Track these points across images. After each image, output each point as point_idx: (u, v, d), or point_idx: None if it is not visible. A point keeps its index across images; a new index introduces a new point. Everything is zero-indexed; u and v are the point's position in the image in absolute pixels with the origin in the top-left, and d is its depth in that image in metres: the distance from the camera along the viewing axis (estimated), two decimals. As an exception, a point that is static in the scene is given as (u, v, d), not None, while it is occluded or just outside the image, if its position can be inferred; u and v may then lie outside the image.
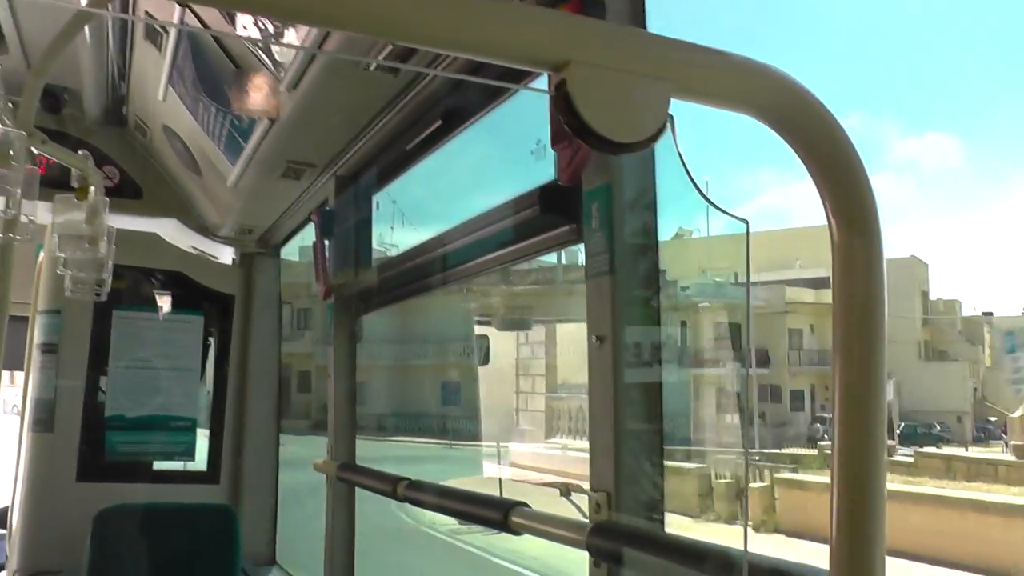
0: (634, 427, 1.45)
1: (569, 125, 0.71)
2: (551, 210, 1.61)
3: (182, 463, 3.65)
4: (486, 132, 2.14)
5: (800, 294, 49.27)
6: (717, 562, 1.13)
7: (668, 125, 0.77)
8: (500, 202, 1.83)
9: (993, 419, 50.34)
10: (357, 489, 2.86)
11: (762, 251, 46.33)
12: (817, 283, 49.19)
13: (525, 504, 1.73)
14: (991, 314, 62.74)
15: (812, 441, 42.58)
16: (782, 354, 47.55)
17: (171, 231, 3.83)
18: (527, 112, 1.80)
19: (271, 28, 2.16)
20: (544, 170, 1.68)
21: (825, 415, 44.75)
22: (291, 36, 2.15)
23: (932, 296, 55.36)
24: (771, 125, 0.80)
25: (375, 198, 2.72)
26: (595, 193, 1.50)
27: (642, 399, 1.46)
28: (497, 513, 1.75)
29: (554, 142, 1.59)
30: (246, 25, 2.21)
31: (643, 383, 1.46)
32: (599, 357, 1.48)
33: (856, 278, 0.85)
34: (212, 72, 2.66)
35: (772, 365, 46.44)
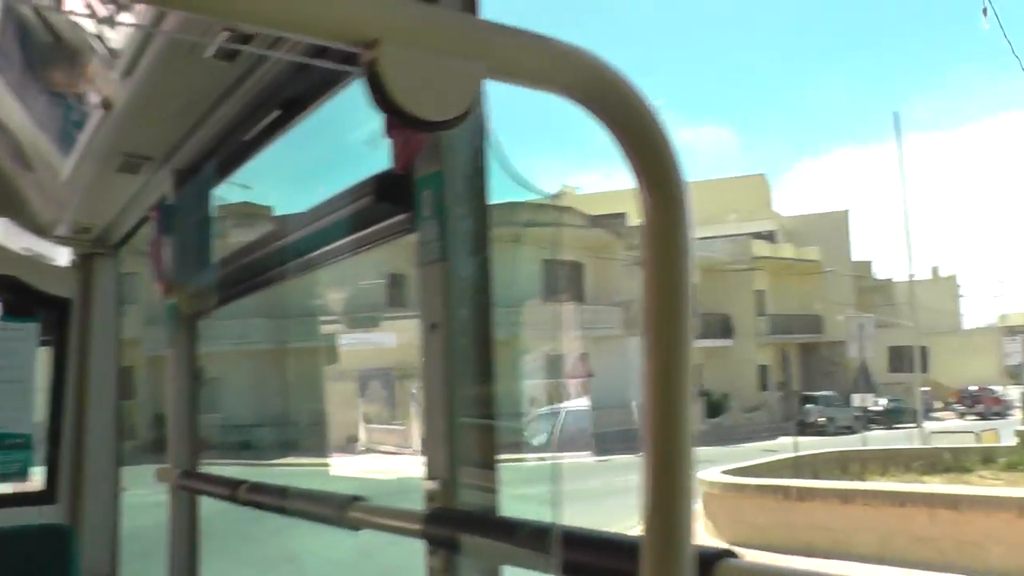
0: (469, 414, 1.49)
1: (378, 103, 0.74)
2: (386, 199, 1.63)
3: (13, 483, 3.50)
4: (328, 120, 2.16)
5: (761, 248, 47.26)
6: (542, 537, 1.19)
7: (479, 104, 0.83)
8: (337, 192, 1.85)
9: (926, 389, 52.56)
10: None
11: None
12: (763, 237, 48.54)
13: (361, 498, 1.75)
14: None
15: (809, 428, 38.38)
16: (749, 321, 44.28)
17: (0, 232, 3.68)
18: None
19: (103, 11, 2.12)
20: (385, 158, 1.71)
21: (817, 393, 42.56)
22: (124, 18, 2.12)
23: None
24: (582, 104, 0.83)
25: (215, 191, 2.70)
26: (427, 180, 1.53)
27: (476, 386, 1.50)
28: (334, 510, 1.76)
29: (388, 128, 1.61)
30: (75, 8, 2.17)
31: (477, 370, 1.49)
32: (433, 345, 1.51)
33: (666, 254, 0.89)
34: (41, 57, 2.59)
35: (736, 335, 43.61)
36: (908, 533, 12.50)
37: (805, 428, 39.31)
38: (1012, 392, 60.42)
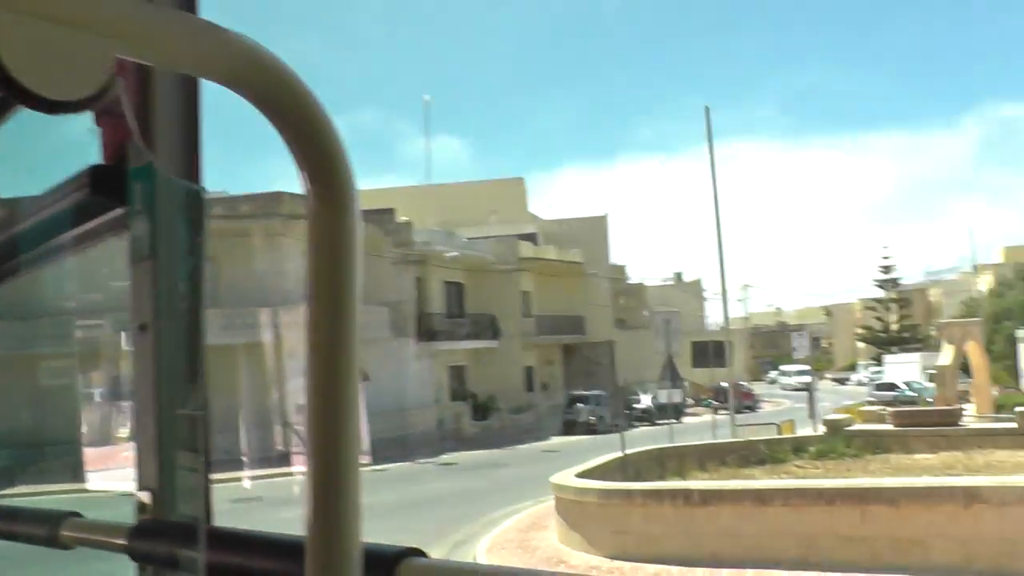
0: (180, 420, 1.43)
1: (-4, 79, 0.69)
2: (100, 192, 1.52)
3: None
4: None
5: (526, 249, 47.13)
6: (269, 547, 1.18)
7: (116, 85, 0.78)
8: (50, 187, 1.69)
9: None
10: None
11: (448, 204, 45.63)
12: (526, 239, 48.91)
13: (77, 514, 1.63)
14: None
15: (578, 427, 39.13)
16: (515, 322, 44.30)
17: None
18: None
19: None
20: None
21: (587, 392, 42.71)
22: None
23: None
24: (238, 91, 0.81)
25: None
26: (138, 172, 1.45)
27: (187, 391, 1.44)
28: (44, 528, 1.62)
29: (97, 116, 1.50)
30: None
31: (187, 374, 1.44)
32: (142, 346, 1.46)
33: (331, 252, 0.88)
34: None
35: (503, 336, 43.40)
36: (837, 533, 11.49)
37: (574, 427, 40.44)
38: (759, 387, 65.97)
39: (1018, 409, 22.41)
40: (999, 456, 20.18)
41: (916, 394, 44.21)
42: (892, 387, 48.38)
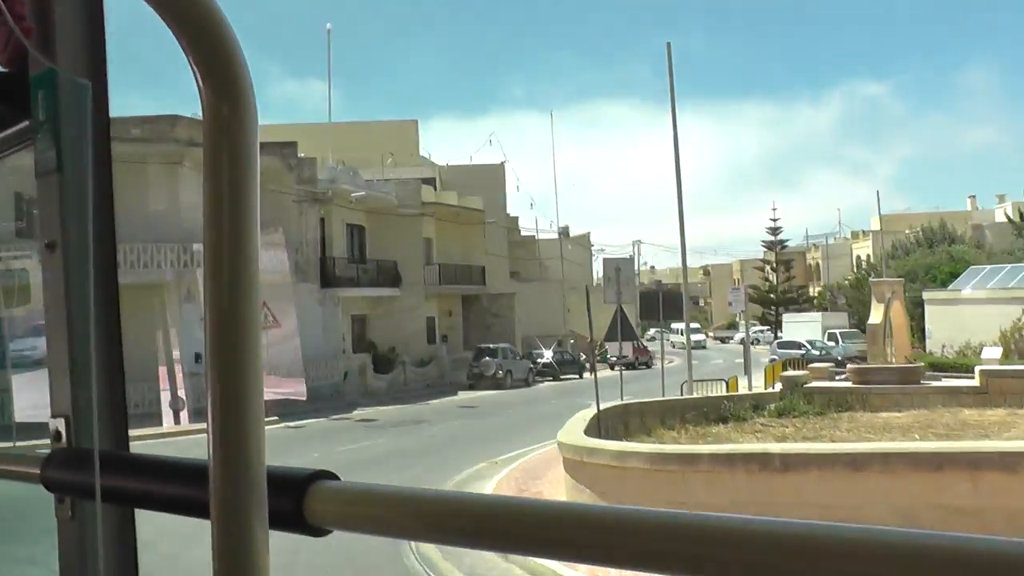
0: (93, 343, 1.36)
1: None
2: (1, 102, 1.46)
3: None
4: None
5: (427, 193, 45.28)
6: (186, 473, 1.13)
7: None
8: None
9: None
10: None
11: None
12: (427, 183, 46.34)
13: None
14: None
15: (484, 382, 37.71)
16: (417, 270, 42.48)
17: None
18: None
19: None
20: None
21: (495, 345, 41.36)
22: None
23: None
24: None
25: None
26: (40, 80, 1.39)
27: (100, 313, 1.37)
28: None
29: (-9, 20, 1.42)
30: None
31: (101, 295, 1.38)
32: (51, 266, 1.40)
33: (229, 153, 0.86)
34: None
35: (405, 285, 41.42)
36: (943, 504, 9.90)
37: (481, 381, 39.11)
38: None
39: (981, 367, 21.87)
40: (983, 415, 19.40)
41: (819, 352, 44.40)
42: (796, 345, 48.58)
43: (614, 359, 55.74)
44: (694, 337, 76.58)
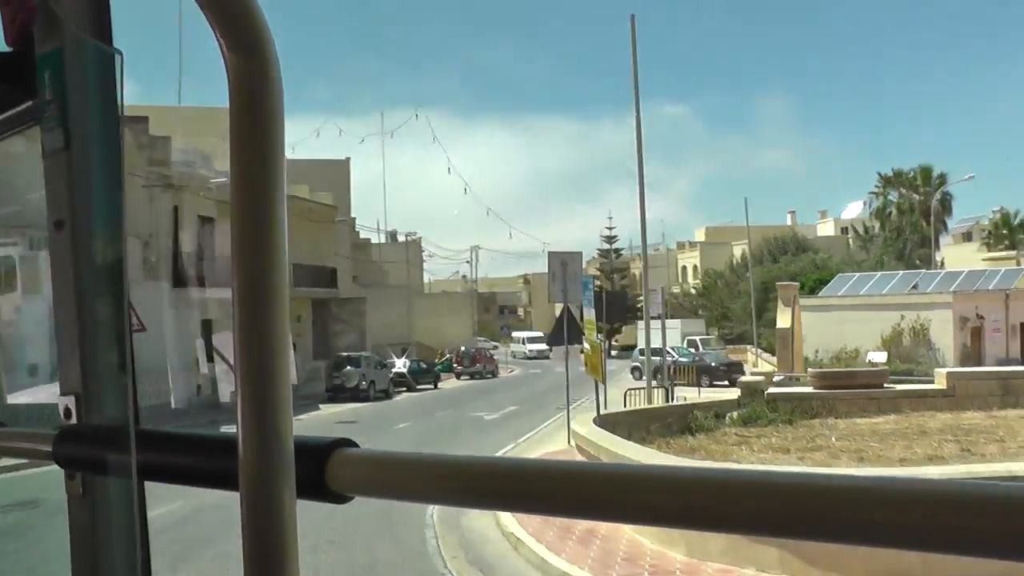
0: (101, 321, 1.38)
1: None
2: (7, 81, 1.43)
3: None
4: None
5: None
6: (216, 447, 1.13)
7: None
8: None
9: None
10: None
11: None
12: None
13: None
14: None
15: (343, 394, 34.76)
16: None
17: None
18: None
19: None
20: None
21: (357, 354, 38.71)
22: None
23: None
24: None
25: None
26: (47, 58, 1.38)
27: (108, 290, 1.40)
28: None
29: (-4, -2, 1.41)
30: None
31: (109, 273, 1.40)
32: (59, 245, 1.40)
33: (254, 107, 0.86)
34: None
35: None
36: None
37: (341, 393, 35.78)
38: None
39: (941, 370, 21.15)
40: (962, 417, 18.34)
41: (689, 359, 43.84)
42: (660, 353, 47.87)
43: (460, 368, 53.26)
44: (535, 347, 75.59)
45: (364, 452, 0.99)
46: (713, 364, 41.30)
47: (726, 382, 37.49)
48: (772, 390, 20.34)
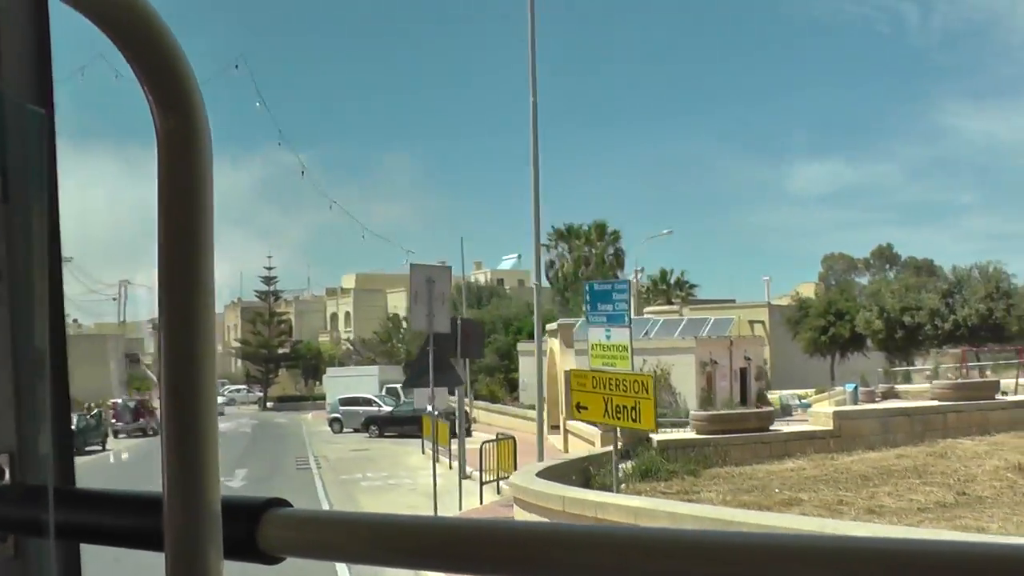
0: (39, 379, 1.36)
1: None
2: None
3: None
4: None
5: None
6: (138, 505, 1.14)
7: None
8: None
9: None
10: None
11: None
12: None
13: None
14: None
15: None
16: None
17: None
18: None
19: None
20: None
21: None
22: None
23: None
24: (85, 14, 0.83)
25: None
26: None
27: (46, 345, 1.38)
28: None
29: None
30: None
31: (48, 326, 1.37)
32: None
33: (183, 168, 0.87)
34: None
35: None
36: None
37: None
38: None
39: (829, 410, 20.28)
40: (872, 459, 17.49)
41: (397, 407, 40.59)
42: (364, 401, 43.95)
43: (120, 425, 45.23)
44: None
45: (299, 512, 0.98)
46: (436, 412, 38.13)
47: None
48: (661, 437, 17.99)
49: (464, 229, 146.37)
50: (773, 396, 45.28)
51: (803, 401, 45.56)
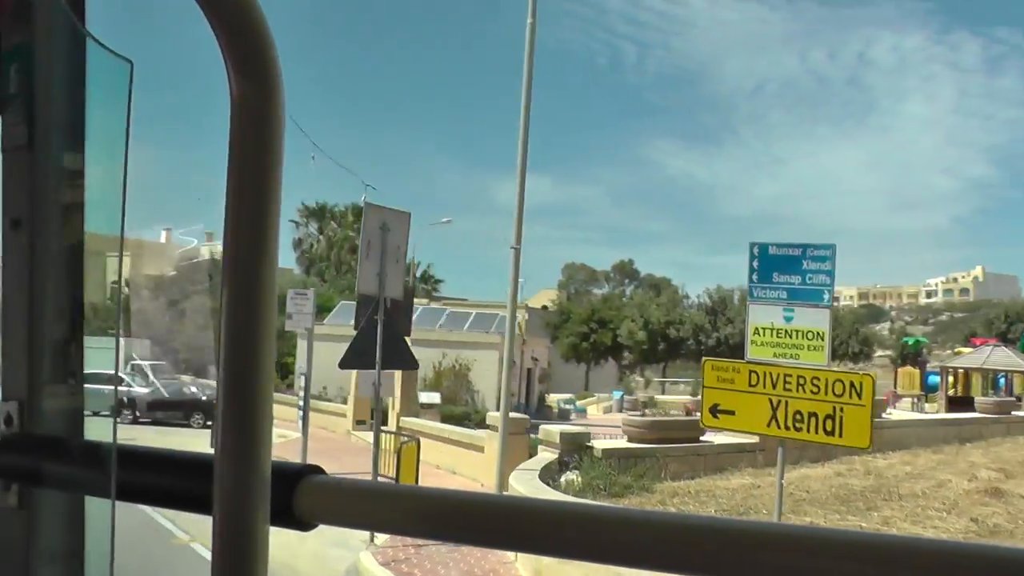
0: (53, 326, 1.35)
1: None
2: None
3: None
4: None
5: None
6: (123, 461, 1.14)
7: None
8: None
9: None
10: None
11: None
12: None
13: None
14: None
15: None
16: None
17: None
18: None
19: None
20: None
21: None
22: None
23: None
24: None
25: None
26: (13, 53, 1.36)
27: (63, 294, 1.36)
28: None
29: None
30: None
31: (66, 276, 1.36)
32: (15, 244, 1.36)
33: (256, 136, 0.86)
34: None
35: None
36: None
37: None
38: None
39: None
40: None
41: (155, 390, 34.63)
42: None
43: None
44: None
45: (332, 480, 0.99)
46: (203, 398, 32.14)
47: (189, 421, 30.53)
48: (605, 446, 15.57)
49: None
50: (551, 399, 44.16)
51: (578, 406, 44.88)
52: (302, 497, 0.95)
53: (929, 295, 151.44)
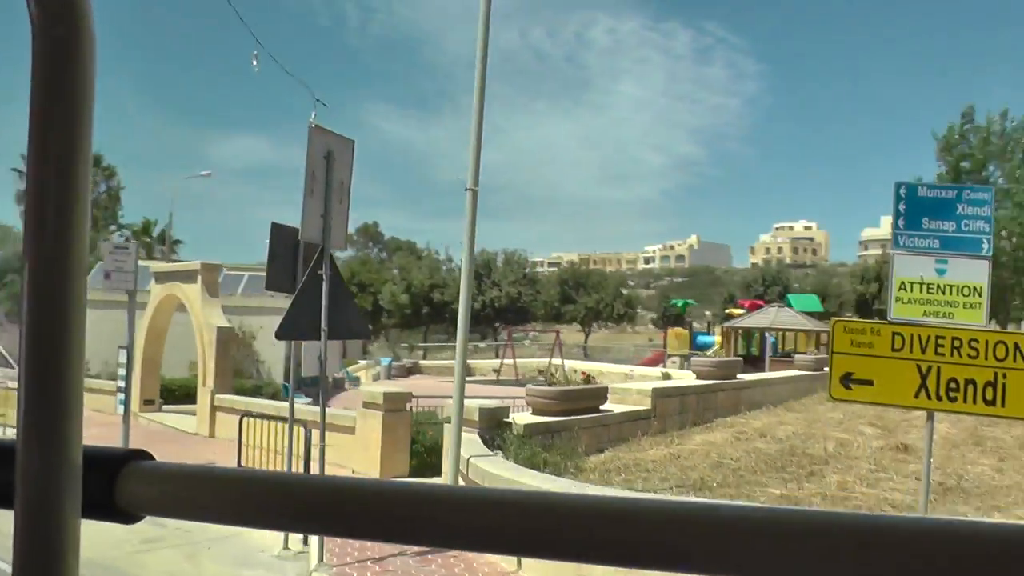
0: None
1: None
2: None
3: None
4: None
5: None
6: None
7: None
8: None
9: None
10: None
11: None
12: None
13: None
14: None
15: None
16: None
17: None
18: None
19: None
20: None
21: None
22: None
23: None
24: None
25: None
26: None
27: None
28: None
29: None
30: None
31: None
32: None
33: (62, 92, 0.77)
34: None
35: None
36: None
37: None
38: None
39: (645, 386, 17.58)
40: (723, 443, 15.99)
41: None
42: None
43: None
44: None
45: (163, 466, 0.88)
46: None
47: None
48: (527, 421, 13.57)
49: None
50: (323, 368, 41.36)
51: (351, 374, 42.77)
52: (125, 486, 0.85)
53: (647, 261, 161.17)
